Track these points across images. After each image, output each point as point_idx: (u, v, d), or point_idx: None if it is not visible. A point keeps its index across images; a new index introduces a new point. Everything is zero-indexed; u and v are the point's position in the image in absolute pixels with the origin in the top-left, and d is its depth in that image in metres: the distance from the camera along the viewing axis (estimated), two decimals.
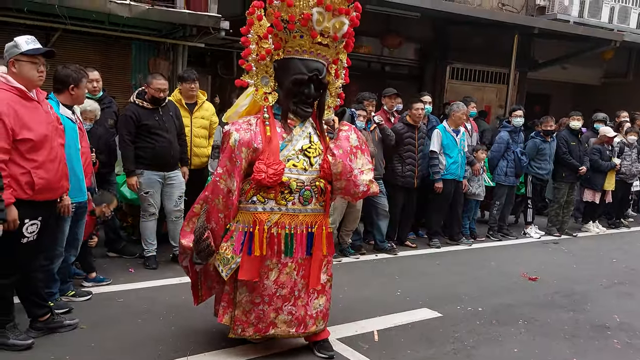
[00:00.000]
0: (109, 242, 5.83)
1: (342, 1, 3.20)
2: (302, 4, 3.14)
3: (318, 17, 3.13)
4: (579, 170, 8.23)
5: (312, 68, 3.24)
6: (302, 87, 3.25)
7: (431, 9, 10.09)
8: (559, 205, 8.39)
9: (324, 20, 3.15)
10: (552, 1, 12.43)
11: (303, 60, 3.25)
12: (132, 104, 5.42)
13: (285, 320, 3.41)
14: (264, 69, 3.35)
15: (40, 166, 3.42)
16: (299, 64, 3.24)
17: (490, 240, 7.79)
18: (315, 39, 3.20)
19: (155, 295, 4.73)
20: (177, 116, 5.61)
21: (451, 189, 7.14)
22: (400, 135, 6.73)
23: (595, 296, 5.55)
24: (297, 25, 3.18)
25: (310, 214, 3.35)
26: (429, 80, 12.30)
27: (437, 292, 5.31)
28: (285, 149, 3.28)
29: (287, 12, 3.17)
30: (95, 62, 7.62)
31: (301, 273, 3.38)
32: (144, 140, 5.34)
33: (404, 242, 7.11)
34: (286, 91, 3.30)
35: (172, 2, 7.83)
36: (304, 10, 3.14)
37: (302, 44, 3.22)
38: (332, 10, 3.16)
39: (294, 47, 3.25)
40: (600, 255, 7.43)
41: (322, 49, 3.27)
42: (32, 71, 3.46)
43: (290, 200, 3.27)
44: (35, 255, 3.65)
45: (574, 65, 13.73)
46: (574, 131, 8.33)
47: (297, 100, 3.29)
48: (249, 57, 3.33)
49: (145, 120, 5.31)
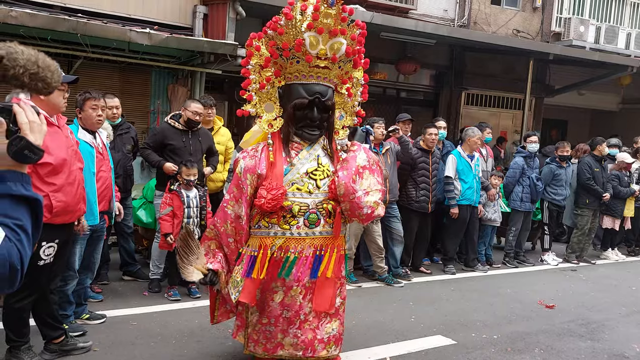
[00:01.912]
0: (124, 265, 5.89)
1: (336, 22, 3.19)
2: (294, 31, 3.18)
3: (311, 41, 3.15)
4: (603, 197, 8.15)
5: (313, 91, 3.26)
6: (305, 111, 3.28)
7: (447, 36, 10.19)
8: (582, 232, 8.26)
9: (319, 43, 3.17)
10: (568, 27, 12.46)
11: (304, 84, 3.28)
12: (164, 122, 5.68)
13: (292, 343, 3.40)
14: (267, 97, 3.42)
15: (59, 189, 3.50)
16: (299, 88, 3.28)
17: (507, 267, 7.71)
18: (312, 62, 3.22)
19: (169, 319, 4.75)
20: (208, 142, 5.78)
21: (466, 215, 7.11)
22: (415, 160, 6.75)
23: (613, 325, 5.45)
24: (291, 51, 3.22)
25: (318, 237, 3.35)
26: (443, 106, 12.34)
27: (452, 319, 5.25)
28: (290, 173, 3.30)
29: (280, 40, 3.22)
30: (115, 88, 7.81)
31: (308, 297, 3.37)
32: (168, 159, 5.47)
33: (418, 268, 7.08)
34: (288, 116, 3.34)
35: (190, 31, 8.04)
36: (297, 36, 3.17)
37: (300, 69, 3.26)
38: (326, 32, 3.16)
39: (293, 72, 3.29)
40: (619, 283, 7.30)
41: (322, 72, 3.28)
42: (59, 98, 3.60)
43: (294, 224, 3.28)
44: (51, 278, 3.71)
45: (591, 91, 13.70)
46: (597, 157, 8.27)
47: (302, 124, 3.32)
48: (249, 87, 3.42)
49: (172, 140, 5.49)
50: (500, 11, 12.34)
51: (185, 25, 8.09)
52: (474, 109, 12.70)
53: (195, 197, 5.33)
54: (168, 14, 8.03)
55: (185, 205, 5.24)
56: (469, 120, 11.74)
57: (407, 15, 10.76)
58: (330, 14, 3.14)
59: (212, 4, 8.13)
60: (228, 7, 7.83)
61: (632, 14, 13.67)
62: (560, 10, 12.82)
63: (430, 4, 11.41)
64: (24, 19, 6.14)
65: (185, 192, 5.29)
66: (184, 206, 5.24)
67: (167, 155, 5.48)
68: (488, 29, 11.97)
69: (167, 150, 5.49)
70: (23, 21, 6.13)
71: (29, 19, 6.18)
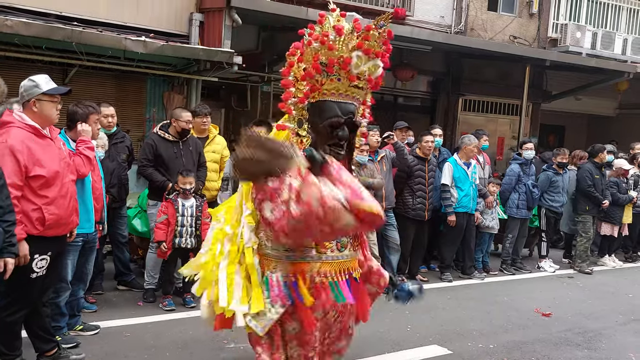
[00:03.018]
0: (119, 274, 5.86)
1: (379, 44, 3.13)
2: (343, 48, 3.07)
3: (357, 61, 3.07)
4: (603, 204, 8.12)
5: (347, 111, 3.16)
6: (337, 130, 3.16)
7: (444, 43, 10.19)
8: (587, 239, 8.17)
9: (362, 64, 3.10)
10: (564, 33, 12.47)
11: (338, 102, 3.16)
12: (153, 133, 5.61)
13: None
14: (300, 112, 3.22)
15: (52, 202, 3.49)
16: (334, 106, 3.15)
17: (504, 274, 7.69)
18: (353, 82, 3.15)
19: (162, 330, 4.72)
20: (198, 150, 5.72)
21: (463, 222, 7.09)
22: (411, 167, 6.75)
23: (610, 333, 5.43)
24: (335, 68, 3.10)
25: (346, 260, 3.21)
26: (441, 112, 12.35)
27: (448, 328, 5.23)
28: None
29: (327, 55, 3.09)
30: (110, 96, 7.79)
31: (339, 319, 3.25)
32: (159, 171, 5.44)
33: (415, 276, 7.05)
34: (322, 134, 3.18)
35: (186, 38, 8.03)
36: (344, 54, 3.07)
37: (339, 87, 3.14)
38: (370, 53, 3.10)
39: (330, 89, 3.15)
40: (616, 290, 7.28)
41: (357, 92, 3.21)
42: (52, 110, 3.58)
43: (329, 248, 3.14)
44: (44, 291, 3.69)
45: (588, 96, 13.71)
46: (597, 164, 8.25)
47: (332, 143, 3.18)
48: (289, 100, 3.19)
49: (162, 151, 5.46)
50: (497, 17, 12.35)
51: (181, 33, 8.07)
52: (471, 115, 12.70)
53: (192, 207, 5.31)
54: (164, 22, 8.00)
55: (179, 213, 5.23)
56: (467, 127, 11.75)
57: (404, 21, 10.77)
58: (377, 36, 3.09)
59: (208, 11, 8.12)
60: (224, 15, 7.81)
61: (628, 20, 13.70)
62: (556, 16, 12.83)
63: (427, 11, 11.42)
64: (19, 28, 6.13)
65: (181, 201, 5.27)
66: (177, 214, 5.22)
67: (159, 167, 5.45)
68: (485, 35, 11.99)
69: (158, 162, 5.45)
70: (18, 30, 6.12)
71: (24, 27, 6.17)
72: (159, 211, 5.31)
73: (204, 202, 5.49)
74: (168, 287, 5.38)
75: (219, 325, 3.17)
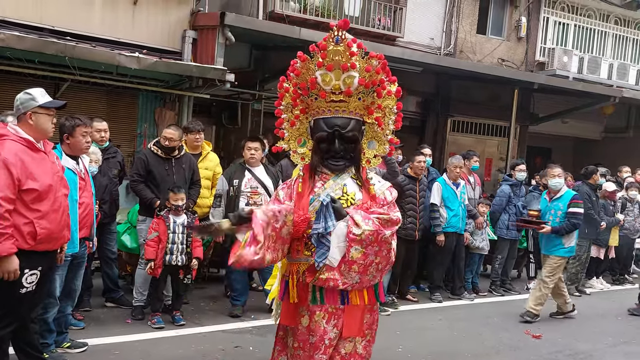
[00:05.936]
0: (107, 291, 5.77)
1: (346, 58, 3.30)
2: (306, 71, 3.37)
3: (323, 78, 3.32)
4: (600, 226, 8.13)
5: (332, 124, 3.38)
6: (326, 144, 3.40)
7: (433, 64, 10.30)
8: (580, 262, 8.06)
9: (332, 79, 3.32)
10: (552, 57, 12.71)
11: (324, 119, 3.42)
12: (146, 149, 5.62)
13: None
14: (298, 133, 3.61)
15: (44, 216, 3.44)
16: (321, 123, 3.42)
17: (493, 295, 7.69)
18: (327, 98, 3.37)
19: (151, 348, 4.65)
20: (192, 168, 5.69)
21: (453, 242, 7.11)
22: (402, 187, 6.76)
23: (600, 355, 5.44)
24: (308, 90, 3.39)
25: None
26: (430, 132, 12.45)
27: (439, 349, 5.21)
28: (315, 201, 3.36)
29: (299, 80, 3.41)
30: (102, 111, 7.77)
31: (333, 322, 3.34)
32: (149, 187, 5.41)
33: (405, 296, 7.04)
34: (314, 149, 3.50)
35: (179, 55, 8.05)
36: (309, 75, 3.36)
37: (319, 105, 3.42)
38: (336, 68, 3.30)
39: (314, 108, 3.46)
40: (605, 312, 7.32)
41: (340, 105, 3.40)
42: (47, 123, 3.57)
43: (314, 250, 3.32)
44: (32, 306, 3.62)
45: (574, 119, 13.91)
46: (593, 186, 8.24)
47: (327, 156, 3.43)
48: (282, 125, 3.62)
49: (153, 167, 5.43)
50: (486, 40, 12.56)
51: (174, 50, 8.09)
52: (460, 135, 12.83)
53: (183, 224, 5.27)
54: (157, 38, 8.02)
55: (170, 230, 5.19)
56: (455, 147, 11.86)
57: (394, 43, 10.91)
58: (339, 50, 3.29)
59: (202, 28, 8.17)
60: (217, 32, 7.87)
61: (614, 45, 14.01)
62: (544, 40, 13.09)
63: (416, 32, 11.58)
64: (12, 41, 6.11)
65: (172, 218, 5.23)
66: (168, 231, 5.18)
67: (149, 183, 5.42)
68: (473, 57, 12.16)
69: (149, 178, 5.42)
70: (10, 43, 6.10)
71: (17, 41, 6.16)
72: (150, 228, 5.27)
73: (195, 218, 5.46)
74: (157, 305, 5.32)
75: (282, 320, 3.44)
